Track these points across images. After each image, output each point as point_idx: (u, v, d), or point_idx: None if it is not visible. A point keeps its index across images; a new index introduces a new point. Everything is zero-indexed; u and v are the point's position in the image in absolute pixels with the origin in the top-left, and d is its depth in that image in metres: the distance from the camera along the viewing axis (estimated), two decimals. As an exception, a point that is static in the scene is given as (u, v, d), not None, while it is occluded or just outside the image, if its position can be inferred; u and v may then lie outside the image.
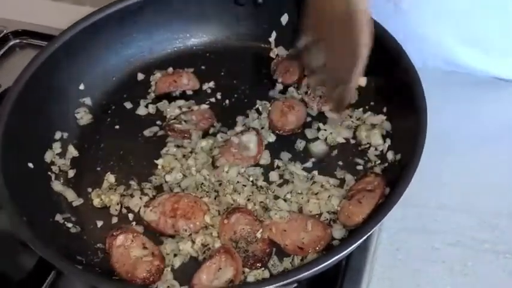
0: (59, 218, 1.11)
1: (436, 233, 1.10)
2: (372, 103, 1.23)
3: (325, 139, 1.20)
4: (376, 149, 1.17)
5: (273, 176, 1.15)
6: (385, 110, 1.20)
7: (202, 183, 1.13)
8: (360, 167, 1.15)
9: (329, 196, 1.10)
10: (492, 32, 1.26)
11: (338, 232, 1.05)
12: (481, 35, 1.28)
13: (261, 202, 1.10)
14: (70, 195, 1.15)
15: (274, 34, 1.36)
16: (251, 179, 1.13)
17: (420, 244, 1.09)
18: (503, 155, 1.20)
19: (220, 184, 1.13)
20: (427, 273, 1.05)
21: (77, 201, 1.15)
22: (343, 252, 0.94)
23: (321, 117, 1.23)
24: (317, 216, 1.08)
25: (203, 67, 1.36)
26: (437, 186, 1.16)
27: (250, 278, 1.00)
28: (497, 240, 1.08)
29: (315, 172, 1.14)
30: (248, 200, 1.10)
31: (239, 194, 1.11)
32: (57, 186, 1.16)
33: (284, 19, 1.35)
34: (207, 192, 1.12)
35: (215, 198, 1.11)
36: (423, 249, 1.08)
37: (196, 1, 1.35)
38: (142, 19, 1.34)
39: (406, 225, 1.11)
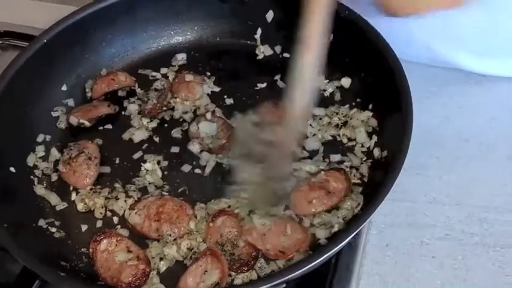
0: (42, 222, 1.09)
1: (425, 228, 1.09)
2: (358, 100, 1.22)
3: (313, 135, 1.18)
4: (362, 146, 1.16)
5: None
6: (371, 106, 1.19)
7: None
8: (347, 164, 1.13)
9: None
10: (477, 31, 1.25)
11: (322, 232, 1.04)
12: (466, 34, 1.26)
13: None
14: (53, 199, 1.14)
15: (259, 31, 1.35)
16: None
17: (410, 239, 1.08)
18: (491, 149, 1.19)
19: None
20: (417, 268, 1.05)
21: (61, 205, 1.13)
22: (331, 252, 0.93)
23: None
24: (298, 220, 1.07)
25: (187, 65, 1.34)
26: (425, 181, 1.15)
27: (238, 281, 0.99)
28: (486, 234, 1.08)
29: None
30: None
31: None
32: (40, 190, 1.14)
33: (269, 16, 1.33)
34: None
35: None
36: (413, 244, 1.08)
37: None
38: (125, 18, 1.31)
39: (395, 220, 1.11)
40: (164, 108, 1.26)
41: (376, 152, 1.12)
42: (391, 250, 1.07)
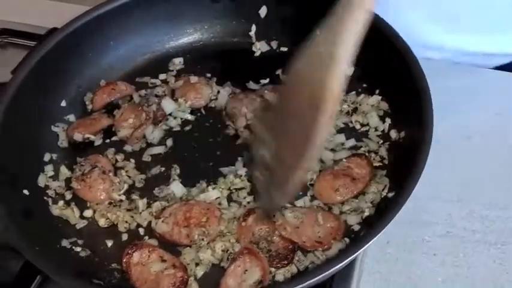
0: (65, 243, 1.05)
1: (426, 225, 1.09)
2: (364, 85, 1.23)
3: None
4: (376, 130, 1.16)
5: None
6: (378, 90, 1.20)
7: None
8: (364, 149, 1.14)
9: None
10: (466, 11, 1.27)
11: (353, 218, 1.04)
12: (454, 15, 1.28)
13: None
14: (72, 218, 1.10)
15: (254, 28, 1.34)
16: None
17: (411, 236, 1.08)
18: (493, 146, 1.20)
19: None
20: (418, 266, 1.05)
21: (81, 223, 1.09)
22: (369, 242, 0.91)
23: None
24: (327, 208, 1.07)
25: (185, 68, 1.32)
26: (427, 178, 1.12)
27: (279, 277, 0.98)
28: (488, 231, 1.08)
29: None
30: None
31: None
32: (55, 210, 1.10)
33: (263, 12, 1.33)
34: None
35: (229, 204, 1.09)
36: (414, 242, 1.08)
37: (172, 3, 1.31)
38: (117, 26, 1.29)
39: (396, 217, 1.09)
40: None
41: (393, 134, 1.13)
42: (392, 248, 1.07)
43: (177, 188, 1.10)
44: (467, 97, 1.27)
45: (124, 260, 1.00)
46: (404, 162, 1.02)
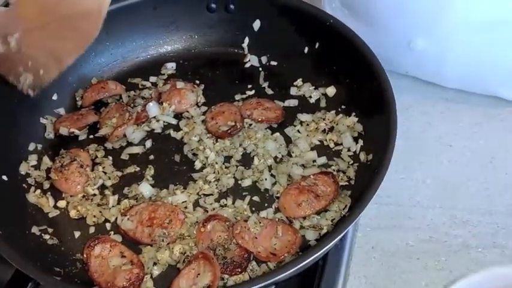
0: (35, 230, 1.10)
1: (410, 230, 1.12)
2: (343, 106, 1.25)
3: (300, 139, 1.21)
4: (349, 150, 1.19)
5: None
6: (356, 112, 1.22)
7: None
8: (334, 167, 1.16)
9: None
10: None
11: (312, 234, 1.07)
12: None
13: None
14: (46, 206, 1.15)
15: (247, 40, 1.38)
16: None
17: (395, 241, 1.11)
18: (474, 152, 1.23)
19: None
20: (403, 270, 1.07)
21: (53, 213, 1.14)
22: (317, 254, 0.95)
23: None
24: (288, 221, 1.10)
25: (177, 74, 1.37)
26: (410, 185, 1.18)
27: (231, 283, 1.01)
28: (469, 235, 1.11)
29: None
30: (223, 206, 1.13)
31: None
32: (32, 198, 1.16)
33: (256, 25, 1.36)
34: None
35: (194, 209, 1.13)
36: (398, 247, 1.10)
37: (168, 9, 1.36)
38: (114, 27, 1.33)
39: (381, 223, 1.13)
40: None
41: (362, 156, 1.15)
42: (377, 252, 1.10)
43: (145, 188, 1.14)
44: (448, 108, 1.30)
45: (85, 252, 1.05)
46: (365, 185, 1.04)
